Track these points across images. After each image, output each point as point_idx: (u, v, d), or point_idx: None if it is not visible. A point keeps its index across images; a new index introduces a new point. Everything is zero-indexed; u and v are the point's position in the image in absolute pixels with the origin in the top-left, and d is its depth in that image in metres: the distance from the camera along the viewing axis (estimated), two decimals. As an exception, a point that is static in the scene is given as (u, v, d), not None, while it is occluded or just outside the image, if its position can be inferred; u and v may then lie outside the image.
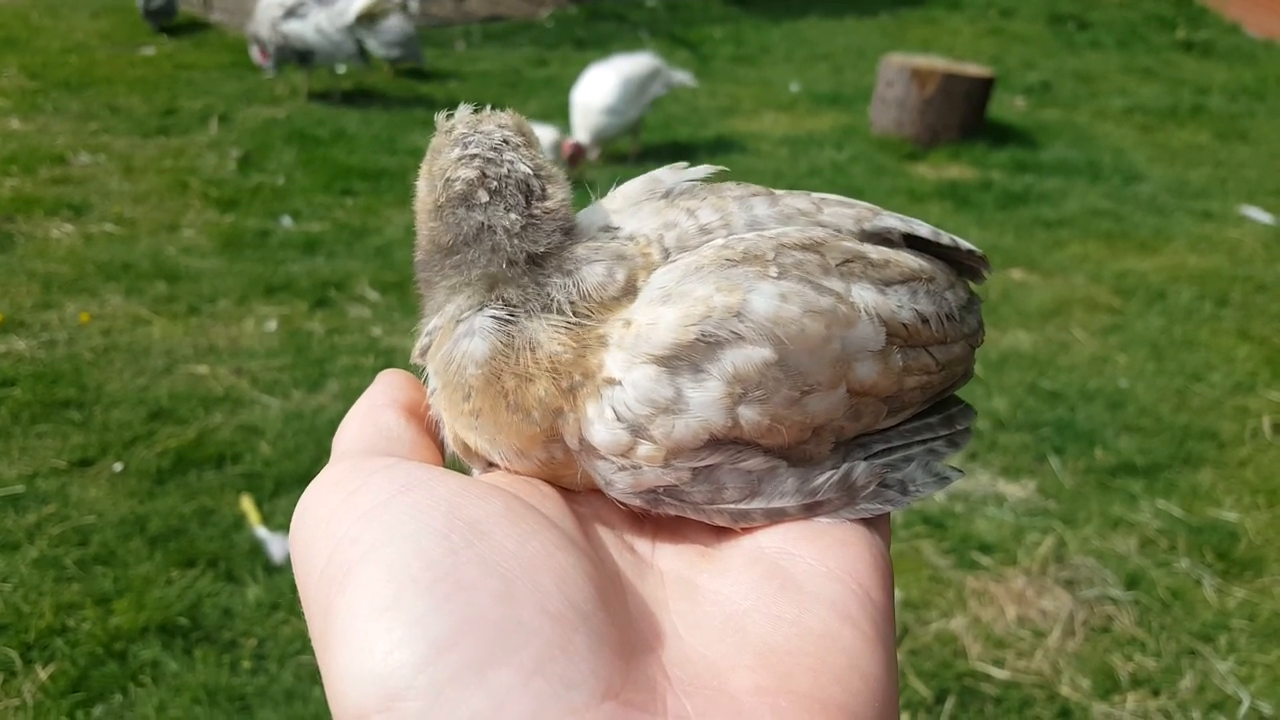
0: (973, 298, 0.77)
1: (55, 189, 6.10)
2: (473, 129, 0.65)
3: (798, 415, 0.62)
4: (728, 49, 10.89)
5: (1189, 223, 6.53)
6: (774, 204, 0.70)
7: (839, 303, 0.63)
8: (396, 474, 0.55)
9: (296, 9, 7.62)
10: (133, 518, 3.33)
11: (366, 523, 0.51)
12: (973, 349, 0.75)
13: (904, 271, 0.68)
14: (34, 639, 2.84)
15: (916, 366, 0.67)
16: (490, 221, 0.62)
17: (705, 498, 0.62)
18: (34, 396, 3.94)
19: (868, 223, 0.72)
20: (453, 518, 0.51)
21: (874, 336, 0.64)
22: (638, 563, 0.61)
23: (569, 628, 0.48)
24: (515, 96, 8.64)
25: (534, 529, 0.53)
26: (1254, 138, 8.46)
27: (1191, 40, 11.54)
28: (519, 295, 0.63)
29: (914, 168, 7.36)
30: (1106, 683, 2.95)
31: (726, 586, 0.58)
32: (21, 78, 8.30)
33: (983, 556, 3.40)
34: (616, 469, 0.61)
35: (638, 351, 0.60)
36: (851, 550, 0.60)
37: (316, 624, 0.51)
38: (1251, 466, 3.97)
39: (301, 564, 0.53)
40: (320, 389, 4.15)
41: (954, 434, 0.72)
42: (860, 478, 0.64)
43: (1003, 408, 4.23)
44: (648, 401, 0.60)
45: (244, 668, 2.80)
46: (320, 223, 5.86)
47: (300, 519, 0.56)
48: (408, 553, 0.49)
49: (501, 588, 0.48)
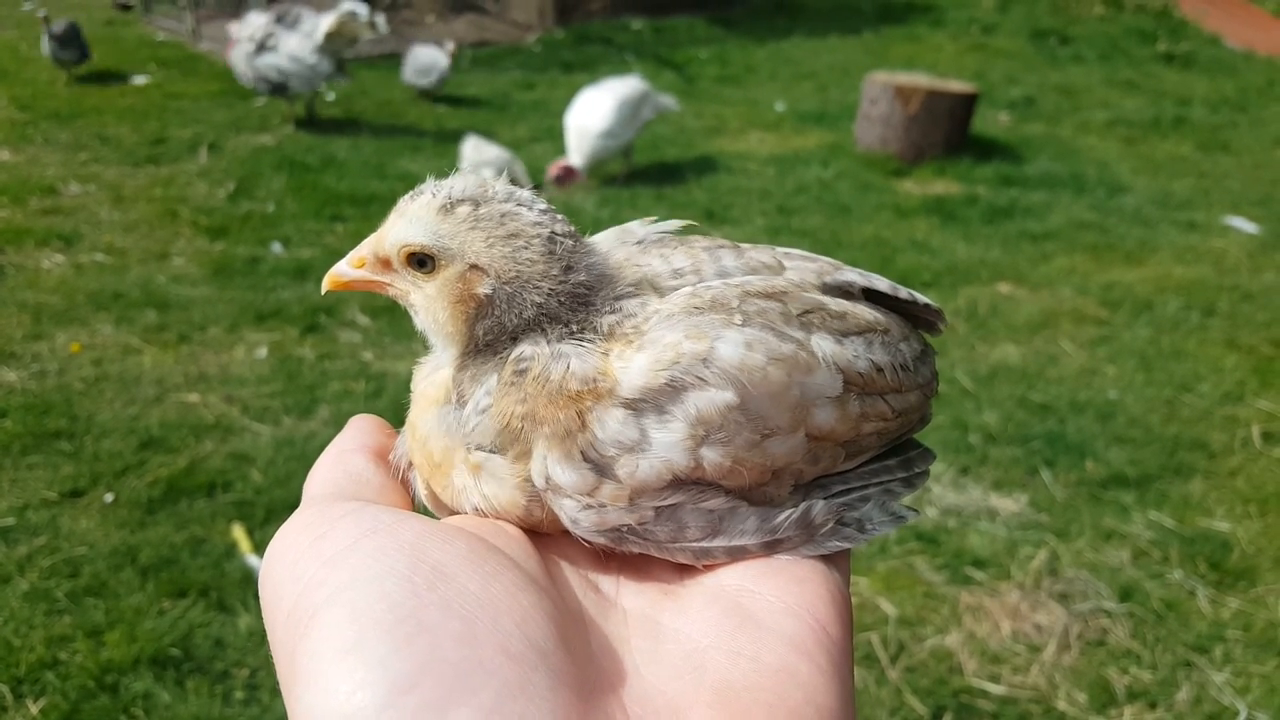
0: (927, 349, 0.80)
1: (45, 219, 6.10)
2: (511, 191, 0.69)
3: (758, 458, 0.64)
4: (713, 70, 10.97)
5: (1174, 234, 6.58)
6: (739, 256, 0.73)
7: (799, 349, 0.65)
8: (362, 517, 0.57)
9: (265, 41, 7.65)
10: (124, 548, 3.31)
11: (332, 566, 0.53)
12: (927, 398, 0.78)
13: (861, 323, 0.71)
14: (25, 673, 2.82)
15: (873, 413, 0.70)
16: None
17: (668, 536, 0.63)
18: (25, 428, 3.93)
19: (829, 276, 0.75)
20: (417, 561, 0.52)
21: (832, 384, 0.67)
22: (601, 601, 0.62)
23: (529, 668, 0.49)
24: (504, 120, 8.68)
25: (496, 570, 0.55)
26: (1236, 148, 8.54)
27: (1172, 53, 11.68)
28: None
29: (900, 184, 7.41)
30: (1103, 696, 2.94)
31: (687, 624, 0.59)
32: (11, 109, 8.32)
33: (976, 571, 3.40)
34: (581, 508, 0.63)
35: (604, 401, 0.62)
36: (809, 587, 0.62)
37: (283, 665, 0.52)
38: (1242, 476, 3.99)
39: (269, 606, 0.55)
40: (311, 415, 4.15)
41: (911, 476, 0.75)
42: (818, 516, 0.66)
43: (993, 421, 4.25)
44: (614, 443, 0.62)
45: (237, 698, 2.79)
46: (310, 249, 5.87)
47: (269, 563, 0.57)
48: (371, 595, 0.50)
49: (463, 629, 0.50)
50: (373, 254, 0.71)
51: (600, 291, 0.67)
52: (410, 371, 0.75)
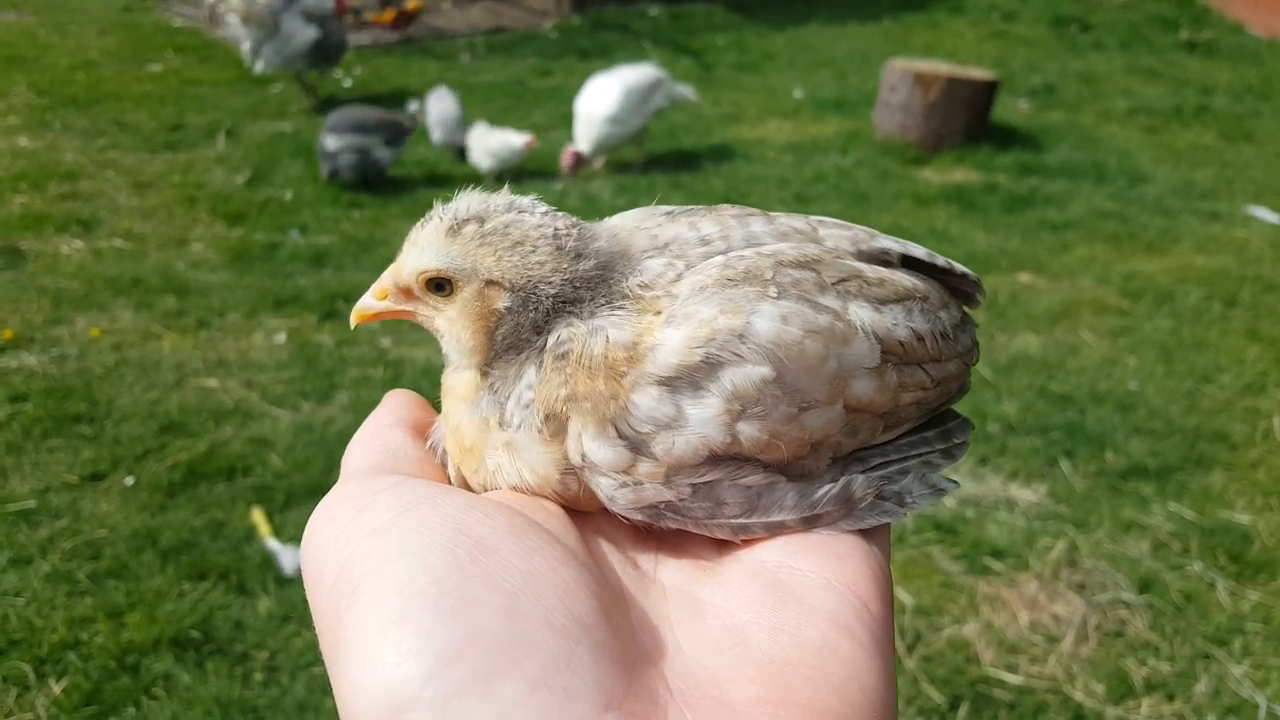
0: (966, 317, 0.79)
1: (64, 205, 6.14)
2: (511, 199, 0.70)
3: (796, 431, 0.63)
4: (731, 57, 10.91)
5: (1196, 223, 6.52)
6: (770, 222, 0.72)
7: (836, 320, 0.64)
8: (404, 491, 0.57)
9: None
10: (144, 531, 3.34)
11: (375, 539, 0.53)
12: (968, 367, 0.77)
13: (899, 290, 0.70)
14: (47, 653, 2.85)
15: (911, 383, 0.69)
16: None
17: (706, 513, 0.63)
18: (45, 412, 3.96)
19: (864, 244, 0.74)
20: (459, 534, 0.53)
21: (870, 354, 0.66)
22: (640, 577, 0.62)
23: (572, 640, 0.49)
24: (520, 107, 8.67)
25: (538, 544, 0.55)
26: (1260, 137, 8.43)
27: (1195, 41, 11.53)
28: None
29: (919, 172, 7.36)
30: (1120, 688, 2.93)
31: (727, 600, 0.59)
32: (30, 95, 8.37)
33: (994, 562, 3.38)
34: (618, 485, 0.63)
35: (644, 373, 0.62)
36: (849, 563, 0.61)
37: (327, 638, 0.52)
38: (1263, 468, 3.96)
39: (312, 580, 0.55)
40: (330, 401, 4.17)
41: (950, 447, 0.74)
42: (858, 490, 0.65)
43: (1012, 411, 4.22)
44: (649, 420, 0.61)
45: (256, 680, 2.81)
46: (328, 235, 5.89)
47: (310, 536, 0.57)
48: (415, 568, 0.50)
49: (506, 602, 0.50)
50: (393, 284, 0.72)
51: (616, 265, 0.67)
52: (427, 358, 0.75)
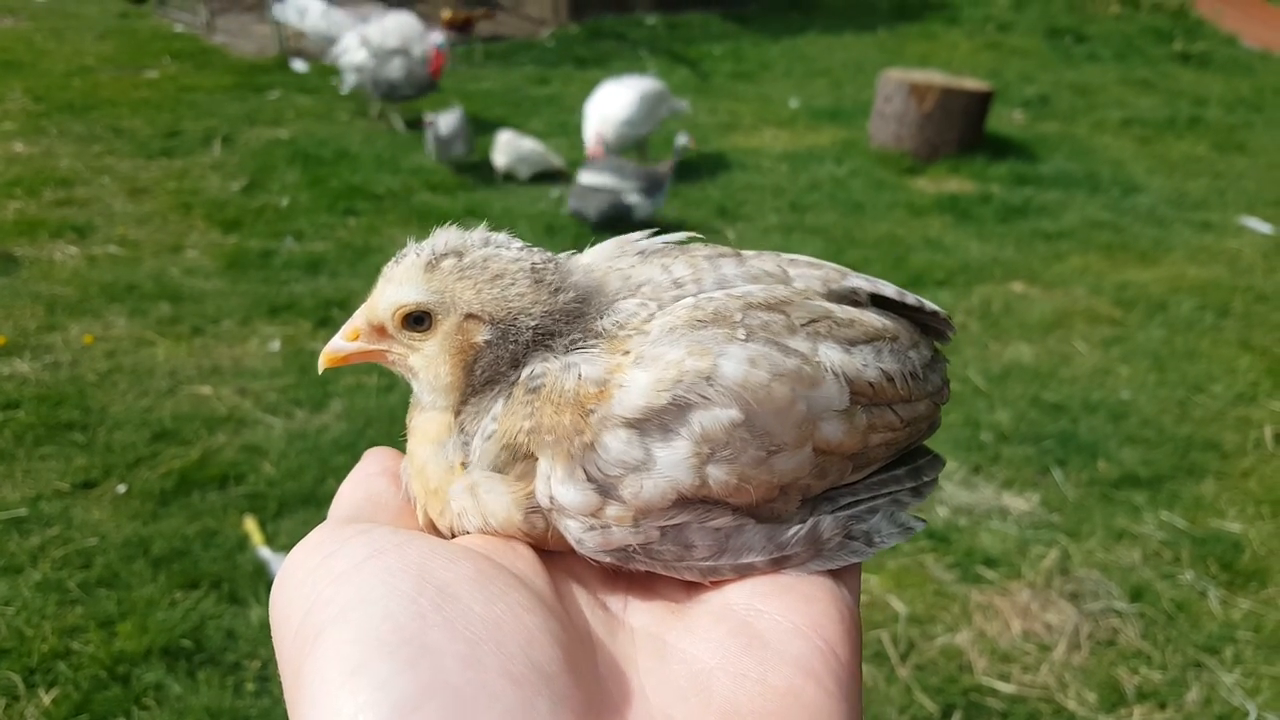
0: (936, 355, 0.79)
1: (59, 211, 6.14)
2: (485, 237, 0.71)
3: (765, 474, 0.63)
4: (727, 66, 10.94)
5: (1188, 234, 6.54)
6: (741, 264, 0.72)
7: (804, 363, 0.64)
8: (372, 538, 0.57)
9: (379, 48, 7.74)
10: (136, 539, 3.33)
11: (339, 585, 0.53)
12: (937, 406, 0.77)
13: (869, 331, 0.70)
14: (37, 663, 2.84)
15: (881, 424, 0.69)
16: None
17: (675, 555, 0.63)
18: (37, 418, 3.95)
19: (835, 284, 0.74)
20: (422, 581, 0.53)
21: (839, 396, 0.66)
22: (609, 620, 0.62)
23: (532, 692, 0.49)
24: (518, 115, 8.69)
25: (502, 590, 0.55)
26: (1252, 148, 8.48)
27: (1188, 52, 11.59)
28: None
29: (914, 182, 7.38)
30: (1112, 696, 2.93)
31: (694, 644, 0.59)
32: (26, 101, 8.36)
33: (987, 570, 3.39)
34: (586, 528, 0.62)
35: (610, 414, 0.62)
36: (817, 606, 0.61)
37: (289, 683, 0.52)
38: (1255, 477, 3.97)
39: (278, 623, 0.55)
40: (323, 409, 4.16)
41: (919, 485, 0.74)
42: (826, 530, 0.65)
43: (1005, 420, 4.23)
44: (618, 463, 0.61)
45: (248, 690, 2.80)
46: (323, 242, 5.89)
47: (279, 581, 0.57)
48: (376, 616, 0.50)
49: (467, 652, 0.49)
50: (366, 323, 0.71)
51: (592, 301, 0.68)
52: None
